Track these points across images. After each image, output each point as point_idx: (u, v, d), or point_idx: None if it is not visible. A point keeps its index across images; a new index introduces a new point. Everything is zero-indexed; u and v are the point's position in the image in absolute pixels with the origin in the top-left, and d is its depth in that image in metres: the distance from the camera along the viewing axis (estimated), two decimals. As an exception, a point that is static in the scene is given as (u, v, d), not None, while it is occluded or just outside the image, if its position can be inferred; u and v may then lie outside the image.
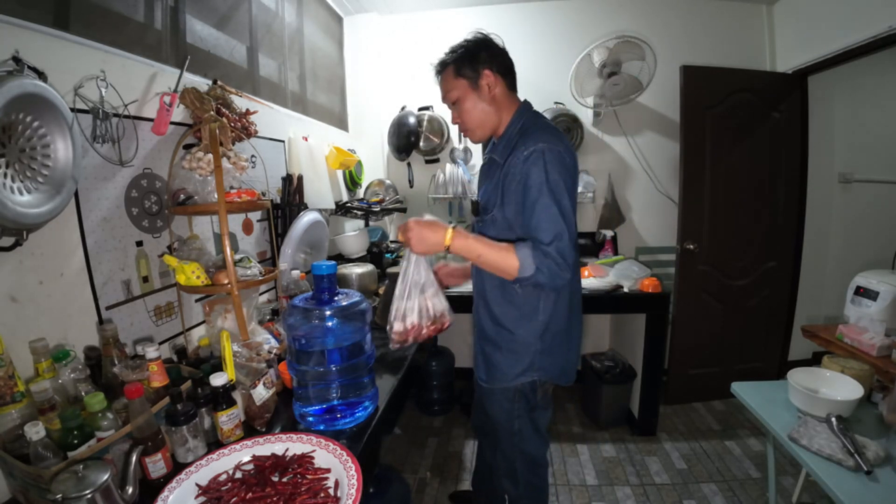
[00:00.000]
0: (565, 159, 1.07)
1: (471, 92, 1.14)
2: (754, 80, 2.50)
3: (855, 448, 1.09)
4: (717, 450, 2.24)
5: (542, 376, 1.21)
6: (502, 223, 1.15)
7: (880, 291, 1.53)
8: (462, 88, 1.15)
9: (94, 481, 0.63)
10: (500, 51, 1.16)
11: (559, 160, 1.05)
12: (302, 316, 0.97)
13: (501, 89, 1.16)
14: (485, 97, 1.15)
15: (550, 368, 1.21)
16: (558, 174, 1.04)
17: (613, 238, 2.71)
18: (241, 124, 1.35)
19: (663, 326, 2.22)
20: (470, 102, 1.15)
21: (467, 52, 1.13)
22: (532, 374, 1.20)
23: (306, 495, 0.75)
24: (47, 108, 0.81)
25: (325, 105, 2.48)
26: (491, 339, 1.24)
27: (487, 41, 1.15)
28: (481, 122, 1.18)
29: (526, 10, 2.69)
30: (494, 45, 1.15)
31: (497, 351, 1.23)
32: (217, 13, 1.55)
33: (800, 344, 2.72)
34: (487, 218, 1.20)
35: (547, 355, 1.20)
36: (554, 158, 1.05)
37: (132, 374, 0.91)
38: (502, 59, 1.16)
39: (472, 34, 1.16)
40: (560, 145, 1.07)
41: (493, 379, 1.25)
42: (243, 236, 1.56)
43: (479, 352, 1.30)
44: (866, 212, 2.83)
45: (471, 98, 1.15)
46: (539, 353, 1.19)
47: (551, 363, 1.21)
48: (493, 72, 1.13)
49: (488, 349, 1.25)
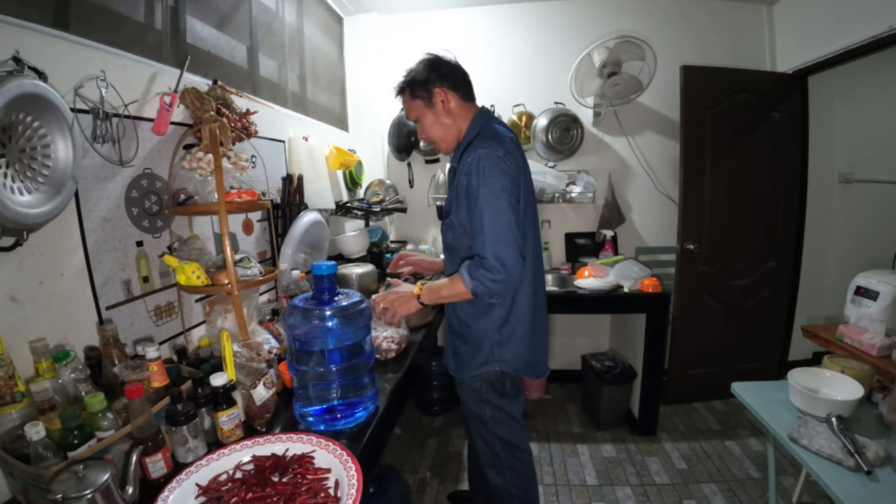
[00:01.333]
0: (503, 164, 1.12)
1: (427, 110, 1.25)
2: (754, 80, 2.50)
3: (855, 448, 1.09)
4: (717, 450, 2.24)
5: (504, 367, 1.29)
6: (458, 227, 1.23)
7: (880, 291, 1.53)
8: (419, 108, 1.26)
9: (95, 481, 0.63)
10: (449, 68, 1.24)
11: (496, 165, 1.11)
12: (302, 316, 0.97)
13: (456, 102, 1.24)
14: (440, 112, 1.24)
15: (514, 361, 1.29)
16: (496, 178, 1.10)
17: (613, 238, 2.72)
18: (241, 124, 1.35)
19: (663, 326, 2.22)
20: (428, 120, 1.25)
21: (418, 76, 1.23)
22: (494, 364, 1.29)
23: (306, 495, 0.75)
24: (47, 109, 0.81)
25: (326, 105, 2.48)
26: (457, 331, 1.35)
27: (436, 61, 1.23)
28: (443, 135, 1.27)
29: (526, 10, 2.69)
30: (444, 64, 1.24)
31: (463, 343, 1.33)
32: (217, 13, 1.55)
33: (800, 344, 2.72)
34: (447, 222, 1.29)
35: (507, 347, 1.28)
36: (492, 164, 1.11)
37: (132, 374, 0.91)
38: (452, 74, 1.23)
39: (422, 56, 1.26)
40: (499, 150, 1.13)
41: (459, 368, 1.35)
42: (243, 236, 1.56)
43: (448, 344, 1.41)
44: (866, 212, 2.83)
45: (428, 116, 1.25)
46: (497, 344, 1.27)
47: (514, 356, 1.28)
48: (444, 88, 1.22)
49: (456, 341, 1.36)
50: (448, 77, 1.23)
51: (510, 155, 1.15)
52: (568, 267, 2.63)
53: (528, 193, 1.23)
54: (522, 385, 1.39)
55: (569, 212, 2.85)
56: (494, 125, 1.25)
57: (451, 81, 1.23)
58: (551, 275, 2.65)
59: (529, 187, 1.24)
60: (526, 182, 1.22)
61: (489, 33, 2.73)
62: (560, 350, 2.99)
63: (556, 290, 2.36)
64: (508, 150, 1.15)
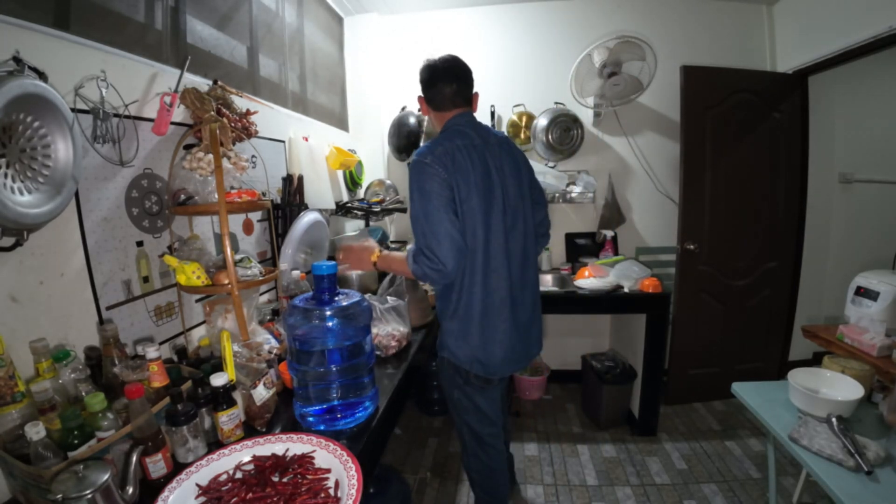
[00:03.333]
0: (430, 168, 1.20)
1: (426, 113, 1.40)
2: (754, 80, 2.50)
3: (855, 448, 1.09)
4: (717, 450, 2.23)
5: (453, 359, 1.35)
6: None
7: (881, 291, 1.53)
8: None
9: (95, 481, 0.63)
10: (422, 76, 1.33)
11: (421, 170, 1.21)
12: (302, 316, 0.97)
13: (429, 110, 1.37)
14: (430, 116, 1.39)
15: (461, 356, 1.33)
16: (423, 182, 1.20)
17: (614, 238, 2.72)
18: (241, 124, 1.35)
19: (664, 327, 2.22)
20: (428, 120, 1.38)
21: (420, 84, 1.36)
22: (445, 353, 1.37)
23: (306, 495, 0.75)
24: (48, 109, 0.81)
25: (326, 105, 2.48)
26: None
27: (420, 73, 1.33)
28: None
29: (526, 10, 2.69)
30: (420, 72, 1.33)
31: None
32: (217, 13, 1.55)
33: (800, 344, 2.72)
34: None
35: (458, 340, 1.32)
36: (418, 169, 1.22)
37: (132, 374, 0.91)
38: (424, 85, 1.33)
39: None
40: (427, 157, 1.21)
41: (438, 348, 1.42)
42: (244, 236, 1.56)
43: None
44: (867, 212, 2.83)
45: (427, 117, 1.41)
46: (449, 334, 1.34)
47: (463, 352, 1.32)
48: (422, 98, 1.36)
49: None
50: (422, 84, 1.34)
51: (439, 160, 1.21)
52: (568, 267, 2.63)
53: (483, 194, 1.24)
54: (496, 383, 1.38)
55: (569, 212, 2.85)
56: (453, 130, 1.29)
57: (424, 91, 1.34)
58: (551, 275, 2.66)
59: (484, 189, 1.24)
60: (478, 184, 1.23)
61: (489, 33, 2.73)
62: (560, 350, 2.99)
63: (557, 290, 2.36)
64: (438, 155, 1.21)
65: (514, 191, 1.32)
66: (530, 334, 1.41)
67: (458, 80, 1.30)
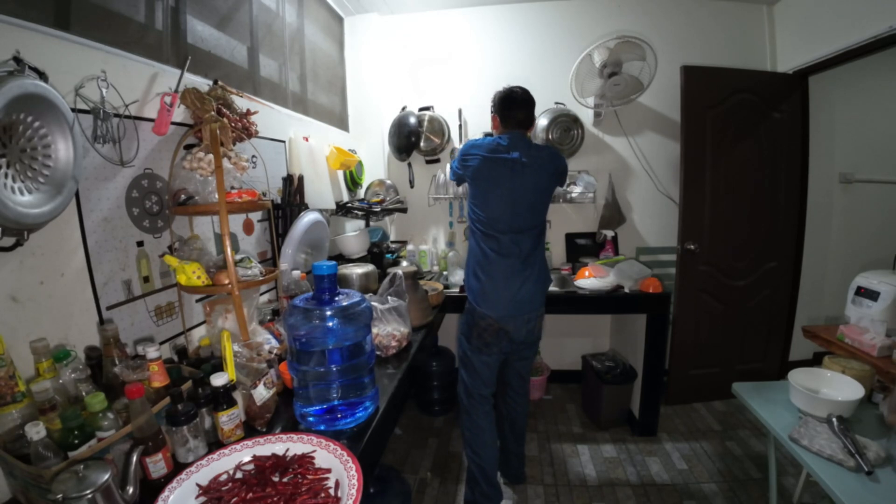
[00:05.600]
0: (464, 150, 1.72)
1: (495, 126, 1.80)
2: (755, 80, 2.50)
3: (856, 448, 1.09)
4: (717, 450, 2.23)
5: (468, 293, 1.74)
6: None
7: (881, 292, 1.53)
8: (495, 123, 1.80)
9: (95, 481, 0.63)
10: (501, 102, 1.70)
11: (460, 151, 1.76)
12: (302, 316, 0.97)
13: (497, 125, 1.75)
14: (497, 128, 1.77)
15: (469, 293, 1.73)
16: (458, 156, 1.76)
17: (614, 238, 2.71)
18: (241, 124, 1.35)
19: (664, 327, 2.22)
20: None
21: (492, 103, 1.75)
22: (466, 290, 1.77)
23: (307, 495, 0.75)
24: (48, 109, 0.81)
25: (326, 105, 2.48)
26: None
27: (495, 96, 1.73)
28: None
29: (526, 11, 2.69)
30: (496, 97, 1.73)
31: None
32: (218, 13, 1.55)
33: (800, 344, 2.71)
34: None
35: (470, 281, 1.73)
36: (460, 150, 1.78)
37: (133, 374, 0.91)
38: (501, 107, 1.70)
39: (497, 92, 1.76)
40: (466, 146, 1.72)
41: None
42: (244, 236, 1.56)
43: None
44: (867, 212, 2.83)
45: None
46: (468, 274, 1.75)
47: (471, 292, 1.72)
48: (495, 114, 1.75)
49: None
50: (499, 105, 1.72)
51: (473, 149, 1.68)
52: (568, 267, 2.62)
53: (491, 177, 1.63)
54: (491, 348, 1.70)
55: (569, 212, 2.85)
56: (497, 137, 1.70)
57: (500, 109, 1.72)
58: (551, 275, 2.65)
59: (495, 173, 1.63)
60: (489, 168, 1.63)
61: (489, 33, 2.73)
62: (560, 350, 2.99)
63: (557, 290, 2.36)
64: (470, 145, 1.70)
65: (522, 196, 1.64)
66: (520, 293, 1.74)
67: (528, 108, 1.67)
